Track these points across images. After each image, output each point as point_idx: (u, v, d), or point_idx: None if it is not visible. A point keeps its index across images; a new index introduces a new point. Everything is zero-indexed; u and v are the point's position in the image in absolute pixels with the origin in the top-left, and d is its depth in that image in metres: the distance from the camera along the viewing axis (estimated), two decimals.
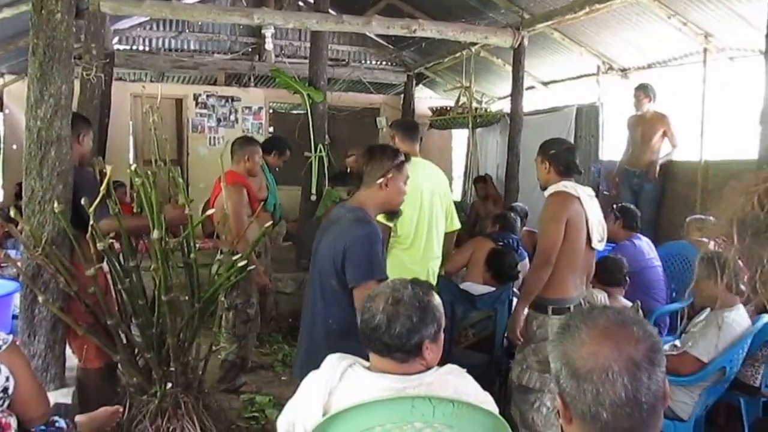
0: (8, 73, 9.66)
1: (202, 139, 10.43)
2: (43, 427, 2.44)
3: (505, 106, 8.22)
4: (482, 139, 10.16)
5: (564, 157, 3.59)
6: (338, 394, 1.95)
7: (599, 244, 3.62)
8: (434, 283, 3.97)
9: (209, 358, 3.63)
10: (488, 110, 8.81)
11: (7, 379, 2.16)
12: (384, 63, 11.26)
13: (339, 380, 1.97)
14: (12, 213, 3.11)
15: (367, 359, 2.05)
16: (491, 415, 1.90)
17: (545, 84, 9.04)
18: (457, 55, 8.78)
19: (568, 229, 3.45)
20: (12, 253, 4.28)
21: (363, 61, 11.16)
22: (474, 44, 7.92)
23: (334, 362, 2.02)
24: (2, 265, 5.26)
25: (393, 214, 3.08)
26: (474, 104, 8.33)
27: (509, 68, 7.55)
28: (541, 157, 3.64)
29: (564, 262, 3.46)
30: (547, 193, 3.60)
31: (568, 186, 3.52)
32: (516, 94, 7.03)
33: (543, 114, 8.66)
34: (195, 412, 3.32)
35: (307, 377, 2.07)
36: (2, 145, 9.78)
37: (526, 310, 3.59)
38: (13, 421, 2.21)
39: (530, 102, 8.05)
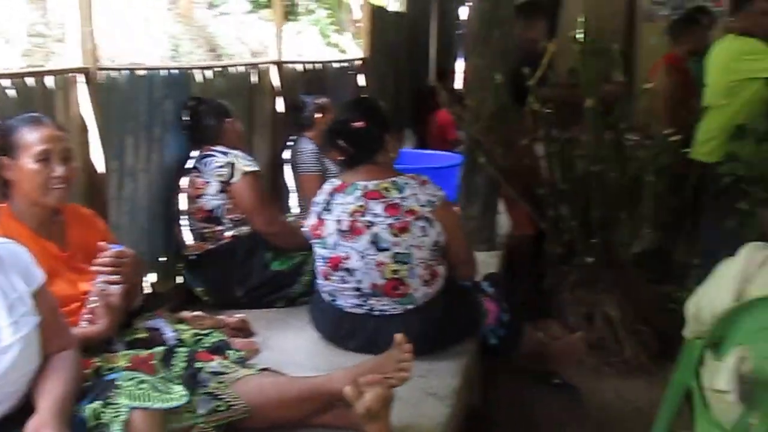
0: None
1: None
2: (467, 283, 2.63)
3: None
4: None
5: None
6: (757, 282, 1.78)
7: None
8: None
9: (633, 241, 3.56)
10: None
11: (438, 234, 2.40)
12: None
13: (759, 268, 1.79)
14: None
15: None
16: None
17: None
18: None
19: None
20: None
21: None
22: None
23: (754, 250, 1.84)
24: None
25: None
26: None
27: None
28: None
29: None
30: None
31: None
32: None
33: None
34: (613, 290, 3.36)
35: (722, 263, 1.93)
36: None
37: None
38: (441, 270, 2.45)
39: None
